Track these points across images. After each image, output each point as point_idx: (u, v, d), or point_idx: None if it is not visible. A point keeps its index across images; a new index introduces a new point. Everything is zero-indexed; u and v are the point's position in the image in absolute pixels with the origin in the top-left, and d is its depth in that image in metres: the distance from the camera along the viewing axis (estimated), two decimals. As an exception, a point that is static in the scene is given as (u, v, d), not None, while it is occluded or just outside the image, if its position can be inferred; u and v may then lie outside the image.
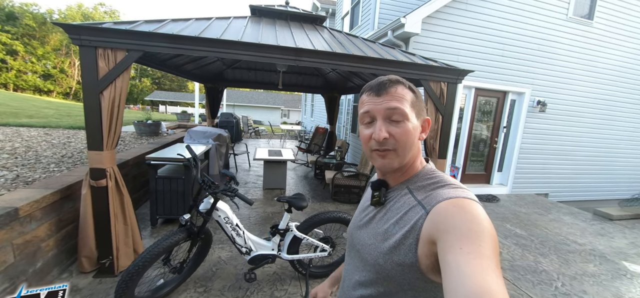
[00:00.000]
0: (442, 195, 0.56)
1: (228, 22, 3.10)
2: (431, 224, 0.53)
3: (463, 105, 5.33)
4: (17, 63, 31.73)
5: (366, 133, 0.64)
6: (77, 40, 2.00)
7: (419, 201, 0.60)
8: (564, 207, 5.05)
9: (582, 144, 5.98)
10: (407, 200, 0.62)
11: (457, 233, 0.48)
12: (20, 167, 2.83)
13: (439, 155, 2.97)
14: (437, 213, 0.54)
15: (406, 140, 0.61)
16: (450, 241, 0.48)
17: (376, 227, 0.66)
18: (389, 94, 0.62)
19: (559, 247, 3.40)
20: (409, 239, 0.57)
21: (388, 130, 0.60)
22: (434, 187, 0.60)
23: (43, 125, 5.72)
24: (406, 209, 0.61)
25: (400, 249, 0.58)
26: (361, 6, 6.94)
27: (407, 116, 0.61)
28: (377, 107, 0.62)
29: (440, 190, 0.58)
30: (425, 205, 0.57)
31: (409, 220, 0.59)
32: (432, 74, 2.89)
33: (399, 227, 0.60)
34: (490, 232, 0.48)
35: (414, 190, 0.63)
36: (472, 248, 0.45)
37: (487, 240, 0.46)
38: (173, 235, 1.74)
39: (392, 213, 0.64)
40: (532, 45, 5.27)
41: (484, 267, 0.43)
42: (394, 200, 0.65)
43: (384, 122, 0.61)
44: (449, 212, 0.52)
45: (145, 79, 42.89)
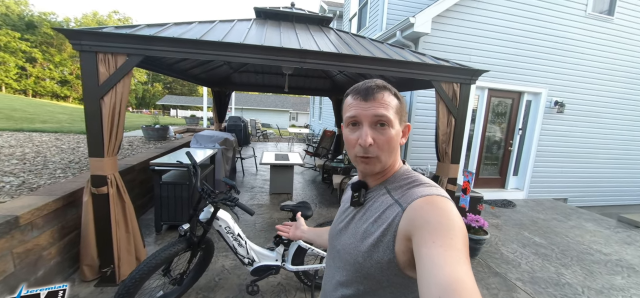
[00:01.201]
0: (417, 193, 0.59)
1: (231, 25, 3.05)
2: (407, 221, 0.56)
3: (476, 107, 5.13)
4: (36, 70, 33.00)
5: (352, 137, 0.66)
6: (77, 46, 1.97)
7: (396, 200, 0.62)
8: (585, 213, 4.78)
9: (604, 145, 5.67)
10: (385, 199, 0.65)
11: (430, 228, 0.51)
12: (27, 172, 2.84)
13: (452, 160, 2.82)
14: (412, 210, 0.56)
15: (389, 147, 0.64)
16: (424, 236, 0.50)
17: (356, 227, 0.68)
18: (376, 100, 0.64)
19: (582, 256, 3.18)
20: (386, 237, 0.59)
21: (373, 136, 0.63)
22: (410, 186, 0.63)
23: (55, 130, 5.83)
24: (384, 208, 0.63)
25: (379, 247, 0.60)
26: (369, 7, 6.82)
27: (391, 123, 0.64)
28: (364, 112, 0.64)
29: (416, 189, 0.61)
30: (401, 203, 0.60)
31: (386, 218, 0.61)
32: (444, 75, 2.76)
33: (377, 225, 0.62)
34: (460, 227, 0.51)
35: (392, 190, 0.66)
36: (444, 241, 0.48)
37: (458, 234, 0.50)
38: (172, 245, 1.67)
39: (371, 212, 0.66)
40: (548, 43, 5.03)
41: (455, 259, 0.46)
42: (373, 200, 0.68)
43: (370, 127, 0.63)
44: (423, 208, 0.55)
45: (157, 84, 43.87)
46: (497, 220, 4.10)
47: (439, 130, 2.79)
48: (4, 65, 29.50)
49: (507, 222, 4.06)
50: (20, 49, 30.27)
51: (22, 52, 30.76)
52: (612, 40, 5.29)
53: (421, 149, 4.82)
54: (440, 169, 2.90)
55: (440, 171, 2.90)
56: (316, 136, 11.41)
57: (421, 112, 4.76)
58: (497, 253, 3.10)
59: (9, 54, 29.55)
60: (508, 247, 3.28)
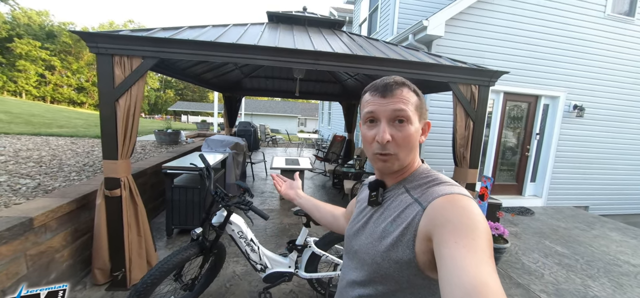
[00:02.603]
0: (438, 192, 0.57)
1: (245, 28, 3.05)
2: (427, 220, 0.54)
3: (491, 111, 4.99)
4: (55, 77, 34.25)
5: (369, 134, 0.65)
6: (94, 48, 1.99)
7: (416, 199, 0.60)
8: (608, 222, 4.54)
9: (626, 151, 5.41)
10: (404, 198, 0.63)
11: (451, 228, 0.49)
12: (43, 175, 2.88)
13: (471, 165, 2.71)
14: (433, 209, 0.54)
15: (408, 144, 0.62)
16: (445, 235, 0.48)
17: (374, 227, 0.66)
18: (395, 96, 0.62)
19: (609, 268, 3.00)
20: (406, 236, 0.57)
21: (391, 133, 0.61)
22: (430, 185, 0.61)
23: (71, 134, 5.97)
24: (403, 207, 0.61)
25: (398, 247, 0.58)
26: (379, 12, 6.80)
27: (410, 119, 0.62)
28: (381, 108, 0.62)
29: (436, 188, 0.59)
30: (421, 202, 0.58)
31: (406, 217, 0.59)
32: (461, 77, 2.67)
33: (396, 224, 0.60)
34: (484, 227, 0.49)
35: (411, 189, 0.64)
36: (467, 241, 0.46)
37: (481, 235, 0.47)
38: (184, 250, 1.63)
39: (390, 212, 0.64)
40: (566, 45, 4.87)
41: (478, 260, 0.43)
42: (391, 200, 0.66)
43: (388, 124, 0.62)
44: (444, 207, 0.53)
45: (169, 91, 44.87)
46: (516, 229, 3.93)
47: (456, 134, 2.69)
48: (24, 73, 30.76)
49: (526, 231, 3.88)
50: (40, 57, 31.53)
51: (42, 60, 32.03)
52: (633, 41, 5.09)
53: (435, 153, 4.69)
54: (457, 174, 2.79)
55: (457, 176, 2.79)
56: (325, 141, 11.36)
57: (435, 115, 4.65)
58: (518, 263, 2.95)
59: (30, 62, 30.82)
60: (529, 256, 3.12)
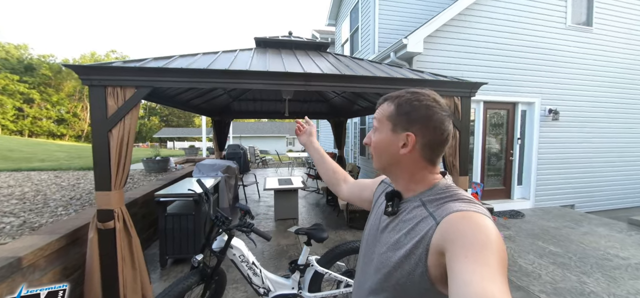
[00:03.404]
0: (453, 207, 0.57)
1: (234, 55, 3.13)
2: (440, 235, 0.55)
3: (473, 120, 5.21)
4: (33, 110, 33.12)
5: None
6: (87, 81, 2.00)
7: (431, 213, 0.61)
8: (595, 218, 4.72)
9: (602, 149, 5.74)
10: (419, 212, 0.64)
11: (463, 243, 0.49)
12: (28, 212, 2.76)
13: (461, 172, 2.82)
14: (446, 224, 0.55)
15: (375, 149, 0.72)
16: (457, 251, 0.49)
17: (388, 237, 0.68)
18: (377, 108, 0.73)
19: (602, 263, 3.10)
20: (419, 249, 0.58)
21: (369, 136, 0.74)
22: (446, 200, 0.61)
23: (54, 168, 5.75)
24: (418, 220, 0.62)
25: (411, 259, 0.59)
26: (360, 32, 7.11)
27: (376, 128, 0.72)
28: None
29: (452, 203, 0.59)
30: (435, 217, 0.59)
31: (419, 231, 0.60)
32: (443, 89, 2.82)
33: (410, 237, 0.61)
34: (497, 245, 0.48)
35: (427, 203, 0.64)
36: (478, 257, 0.46)
37: (493, 252, 0.47)
38: (185, 279, 1.59)
39: (404, 224, 0.65)
40: (536, 54, 5.25)
41: (488, 276, 0.43)
42: (407, 211, 0.67)
43: (371, 131, 0.74)
44: (458, 223, 0.53)
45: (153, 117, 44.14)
46: (509, 232, 4.02)
47: (444, 144, 2.80)
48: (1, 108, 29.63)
49: (519, 233, 3.98)
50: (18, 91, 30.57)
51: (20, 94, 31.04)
52: (594, 48, 5.54)
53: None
54: (449, 182, 2.88)
55: (449, 184, 2.87)
56: (316, 159, 11.36)
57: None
58: (515, 266, 3.01)
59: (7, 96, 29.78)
60: (525, 258, 3.19)
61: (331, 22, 9.83)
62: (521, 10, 5.15)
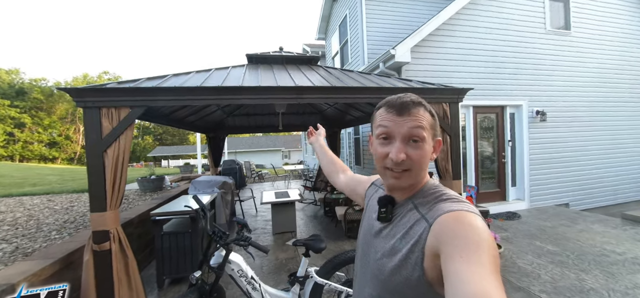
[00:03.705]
0: (444, 208, 0.58)
1: (227, 72, 3.19)
2: (434, 237, 0.55)
3: (464, 124, 5.32)
4: (24, 134, 32.67)
5: (382, 151, 0.65)
6: (81, 103, 2.02)
7: (423, 215, 0.61)
8: (589, 215, 4.79)
9: (590, 147, 5.88)
10: (412, 215, 0.63)
11: (456, 244, 0.50)
12: (20, 237, 2.70)
13: (454, 177, 2.86)
14: (439, 226, 0.55)
15: (422, 162, 0.63)
16: (451, 251, 0.49)
17: (383, 243, 0.67)
18: (411, 116, 0.63)
19: (599, 259, 3.14)
20: (415, 253, 0.58)
21: (406, 152, 0.62)
22: (437, 201, 0.62)
23: (46, 192, 5.66)
24: (411, 224, 0.62)
25: (407, 264, 0.58)
26: (350, 45, 7.28)
27: (425, 139, 0.63)
28: (397, 127, 0.63)
29: (442, 204, 0.60)
30: (428, 219, 0.59)
31: (414, 234, 0.60)
32: (432, 96, 2.90)
33: (405, 242, 0.61)
34: (489, 243, 0.49)
35: (419, 205, 0.64)
36: (472, 257, 0.47)
37: (486, 250, 0.48)
38: (183, 297, 1.58)
39: (398, 228, 0.64)
40: (520, 58, 5.44)
41: (482, 274, 0.44)
42: (400, 216, 0.66)
43: (402, 142, 0.62)
44: (450, 224, 0.54)
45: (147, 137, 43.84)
46: (506, 233, 4.05)
47: (437, 149, 2.86)
48: (-9, 134, 29.19)
49: (516, 234, 4.01)
50: (9, 115, 30.22)
51: (10, 119, 30.67)
52: (572, 51, 5.76)
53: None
54: (443, 187, 2.92)
55: (443, 189, 2.91)
56: (311, 171, 11.39)
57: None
58: (514, 267, 3.02)
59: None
60: (523, 258, 3.21)
61: (321, 36, 10.04)
62: (503, 18, 5.36)
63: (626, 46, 6.14)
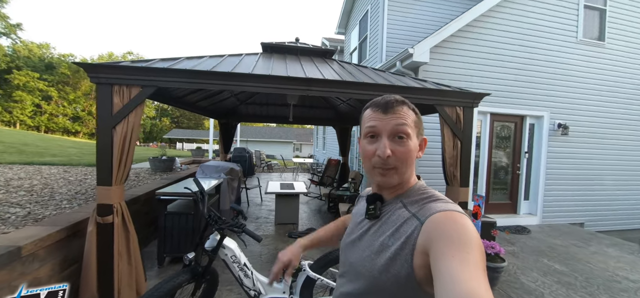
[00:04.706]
0: (435, 208, 0.59)
1: (240, 58, 3.20)
2: (425, 235, 0.55)
3: (479, 132, 5.14)
4: (51, 107, 34.36)
5: (369, 148, 0.67)
6: (95, 79, 2.07)
7: (413, 214, 0.62)
8: (605, 238, 4.55)
9: (613, 166, 5.55)
10: (402, 213, 0.64)
11: (447, 242, 0.50)
12: (34, 204, 2.84)
13: (461, 184, 2.77)
14: (431, 224, 0.56)
15: (407, 159, 0.65)
16: (442, 250, 0.50)
17: (371, 240, 0.67)
18: (396, 113, 0.65)
19: (609, 284, 2.98)
20: (404, 251, 0.58)
21: (392, 148, 0.64)
22: (427, 201, 0.63)
23: (64, 163, 5.92)
24: (401, 222, 0.62)
25: (397, 261, 0.59)
26: (368, 41, 7.15)
27: (410, 135, 0.65)
28: (382, 124, 0.65)
29: (433, 204, 0.61)
30: (419, 217, 0.59)
31: (404, 232, 0.60)
32: (446, 99, 2.80)
33: (394, 239, 0.61)
34: (478, 243, 0.51)
35: (408, 204, 0.65)
36: (462, 256, 0.48)
37: (475, 250, 0.49)
38: (176, 276, 1.60)
39: (387, 226, 0.65)
40: (545, 68, 5.16)
41: (473, 274, 0.45)
42: (389, 214, 0.67)
43: (389, 139, 0.64)
44: (442, 223, 0.55)
45: (165, 119, 45.12)
46: (513, 247, 3.91)
47: (445, 154, 2.77)
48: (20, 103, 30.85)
49: (523, 249, 3.87)
50: (37, 88, 31.82)
51: (39, 91, 32.29)
52: (606, 63, 5.42)
53: (427, 173, 4.76)
54: (449, 193, 2.83)
55: (449, 195, 2.83)
56: (320, 165, 11.39)
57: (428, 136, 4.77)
58: (517, 283, 2.91)
59: (27, 92, 31.02)
60: (528, 275, 3.09)
61: (341, 31, 9.94)
62: (532, 23, 5.09)
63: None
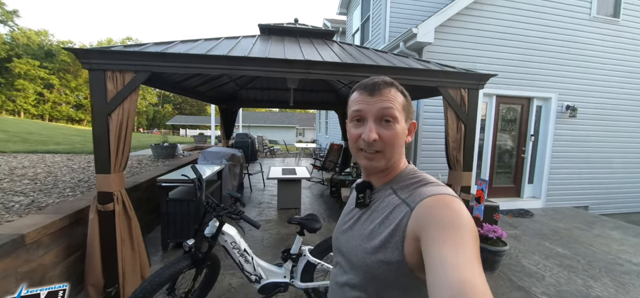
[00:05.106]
0: (425, 192, 0.57)
1: (237, 41, 3.10)
2: (415, 221, 0.54)
3: (484, 115, 5.03)
4: (53, 95, 34.46)
5: (355, 132, 0.65)
6: (87, 64, 2.02)
7: (403, 200, 0.61)
8: (609, 221, 4.52)
9: (622, 149, 5.44)
10: (392, 199, 0.63)
11: (438, 228, 0.49)
12: (37, 192, 2.87)
13: (464, 168, 2.72)
14: (421, 210, 0.55)
15: (394, 143, 0.63)
16: (433, 235, 0.49)
17: (362, 229, 0.66)
18: (382, 95, 0.63)
19: (611, 267, 2.97)
20: (395, 237, 0.57)
21: (378, 132, 0.62)
22: (417, 186, 0.62)
23: (68, 151, 5.96)
24: (391, 208, 0.61)
25: (387, 248, 0.58)
26: (371, 21, 6.92)
27: (397, 119, 0.62)
28: (369, 107, 0.63)
29: (423, 188, 0.59)
30: (409, 203, 0.58)
31: (394, 218, 0.59)
32: (450, 81, 2.71)
33: (384, 226, 0.60)
34: (471, 227, 0.49)
35: (398, 190, 0.64)
36: (454, 241, 0.46)
37: (468, 234, 0.48)
38: (176, 262, 1.61)
39: (378, 213, 0.64)
40: (554, 47, 4.96)
41: (466, 259, 0.44)
42: (379, 201, 0.66)
43: (375, 123, 0.62)
44: (432, 208, 0.53)
45: (167, 105, 45.12)
46: (516, 231, 3.90)
47: (448, 137, 2.71)
48: (23, 92, 30.96)
49: (526, 232, 3.86)
50: (38, 76, 31.80)
51: (40, 79, 32.29)
52: (619, 42, 5.19)
53: (430, 157, 4.71)
54: (452, 177, 2.79)
55: (452, 179, 2.79)
56: (323, 150, 11.36)
57: (429, 120, 4.69)
58: (518, 266, 2.92)
59: (28, 81, 31.06)
60: (529, 258, 3.09)
61: (342, 11, 9.63)
62: (541, 1, 4.85)
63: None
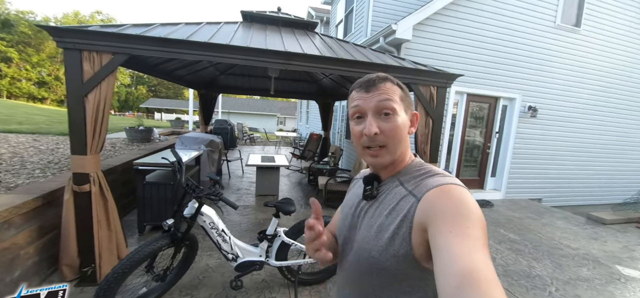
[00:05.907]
0: (432, 183, 0.58)
1: (218, 27, 3.10)
2: (422, 211, 0.55)
3: (455, 111, 5.37)
4: (11, 70, 31.47)
5: (357, 129, 0.66)
6: (61, 43, 1.98)
7: (410, 191, 0.61)
8: (557, 212, 5.06)
9: (575, 148, 6.04)
10: (399, 191, 0.63)
11: (446, 218, 0.49)
12: (4, 172, 2.76)
13: (431, 160, 2.96)
14: (428, 200, 0.55)
15: (395, 135, 0.63)
16: (440, 225, 0.49)
17: (370, 222, 0.66)
18: (378, 90, 0.64)
19: (552, 251, 3.39)
20: (402, 229, 0.58)
21: (378, 126, 0.62)
22: (424, 177, 0.62)
23: (32, 131, 5.63)
24: (398, 200, 0.62)
25: (395, 240, 0.58)
26: (354, 14, 7.02)
27: (395, 111, 0.63)
28: (366, 102, 0.64)
29: (430, 179, 0.60)
30: (416, 194, 0.59)
31: (401, 210, 0.60)
32: (421, 78, 2.91)
33: (392, 218, 0.61)
34: (478, 215, 0.50)
35: (405, 182, 0.64)
36: (460, 230, 0.47)
37: (475, 223, 0.48)
38: (156, 241, 1.69)
39: (385, 205, 0.64)
40: (521, 51, 5.36)
41: (473, 247, 0.44)
42: (386, 193, 0.66)
43: (374, 117, 0.63)
44: (439, 198, 0.54)
45: (141, 87, 42.75)
46: (476, 219, 4.28)
47: (417, 131, 2.93)
48: (-25, 65, 28.01)
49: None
50: (-6, 48, 28.87)
51: (-4, 52, 29.33)
52: (580, 49, 5.68)
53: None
54: (419, 168, 3.02)
55: (419, 170, 3.02)
56: (303, 140, 11.47)
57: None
58: (474, 249, 3.25)
59: (-19, 53, 28.11)
60: (484, 243, 3.44)
61: (327, 1, 9.62)
62: (513, 6, 5.18)
63: (637, 55, 6.05)
